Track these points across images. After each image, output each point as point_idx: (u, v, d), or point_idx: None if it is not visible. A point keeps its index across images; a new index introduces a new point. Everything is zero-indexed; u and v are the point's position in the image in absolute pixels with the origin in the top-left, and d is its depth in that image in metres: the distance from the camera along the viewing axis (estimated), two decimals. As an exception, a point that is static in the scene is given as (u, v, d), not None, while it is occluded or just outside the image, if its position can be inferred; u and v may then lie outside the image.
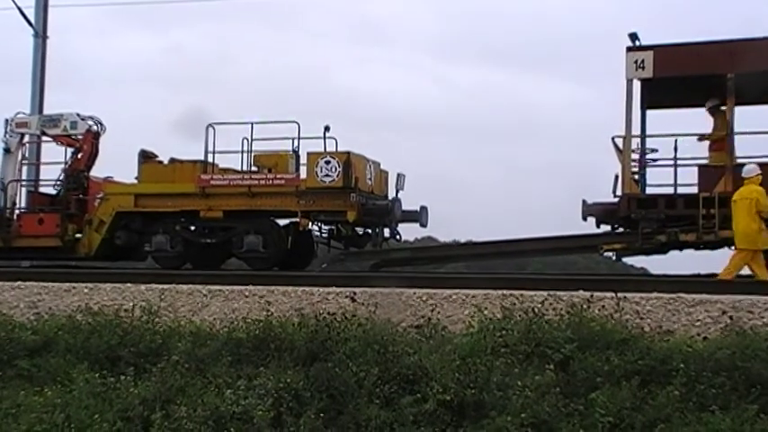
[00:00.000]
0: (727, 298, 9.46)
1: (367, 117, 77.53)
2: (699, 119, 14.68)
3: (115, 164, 17.90)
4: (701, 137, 14.09)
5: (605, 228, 14.30)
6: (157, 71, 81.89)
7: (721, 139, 13.82)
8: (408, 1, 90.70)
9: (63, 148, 17.12)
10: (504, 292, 10.11)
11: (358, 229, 15.49)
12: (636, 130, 13.89)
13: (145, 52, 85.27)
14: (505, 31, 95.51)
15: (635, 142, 13.85)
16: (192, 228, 15.61)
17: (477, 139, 79.60)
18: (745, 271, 13.26)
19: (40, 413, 9.09)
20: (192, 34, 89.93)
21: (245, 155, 15.45)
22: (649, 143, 14.17)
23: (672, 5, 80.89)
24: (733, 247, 13.14)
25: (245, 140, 15.30)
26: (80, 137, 16.75)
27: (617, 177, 13.66)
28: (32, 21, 23.06)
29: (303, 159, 14.94)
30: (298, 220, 14.93)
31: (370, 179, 15.40)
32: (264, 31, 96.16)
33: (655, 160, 14.26)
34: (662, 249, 13.64)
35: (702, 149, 14.26)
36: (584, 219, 14.03)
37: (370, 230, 15.44)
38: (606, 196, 13.87)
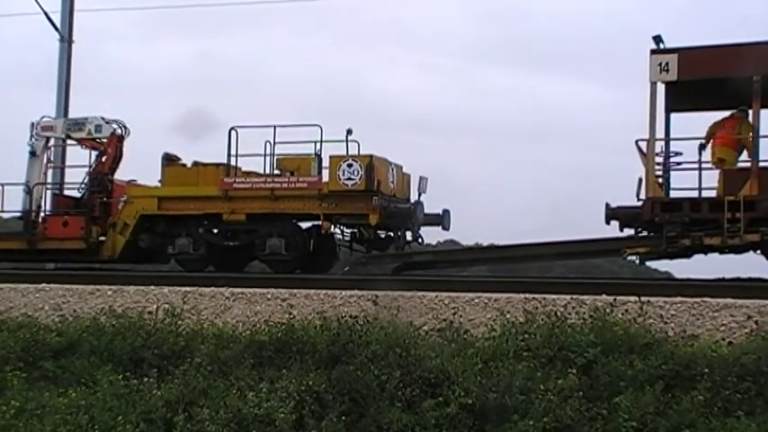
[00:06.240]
0: (753, 302, 9.36)
1: (395, 119, 77.45)
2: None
3: (140, 167, 17.98)
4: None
5: (629, 231, 14.17)
6: (189, 76, 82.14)
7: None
8: (437, 3, 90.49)
9: (88, 151, 17.30)
10: (527, 295, 10.08)
11: (380, 232, 15.46)
12: (660, 133, 13.78)
13: (177, 58, 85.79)
14: (535, 33, 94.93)
15: (659, 145, 13.73)
16: (215, 231, 15.66)
17: (505, 141, 79.38)
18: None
19: (65, 414, 9.19)
20: (222, 40, 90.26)
21: (267, 158, 15.52)
22: (673, 146, 14.06)
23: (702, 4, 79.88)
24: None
25: (268, 144, 15.37)
26: (105, 140, 16.90)
27: (640, 180, 13.54)
28: (58, 25, 23.26)
29: (326, 163, 14.98)
30: (320, 223, 14.98)
31: (393, 182, 15.39)
32: (295, 35, 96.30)
33: (679, 163, 14.14)
34: (686, 253, 13.50)
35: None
36: (608, 222, 13.93)
37: (392, 233, 15.41)
38: (632, 199, 13.75)
